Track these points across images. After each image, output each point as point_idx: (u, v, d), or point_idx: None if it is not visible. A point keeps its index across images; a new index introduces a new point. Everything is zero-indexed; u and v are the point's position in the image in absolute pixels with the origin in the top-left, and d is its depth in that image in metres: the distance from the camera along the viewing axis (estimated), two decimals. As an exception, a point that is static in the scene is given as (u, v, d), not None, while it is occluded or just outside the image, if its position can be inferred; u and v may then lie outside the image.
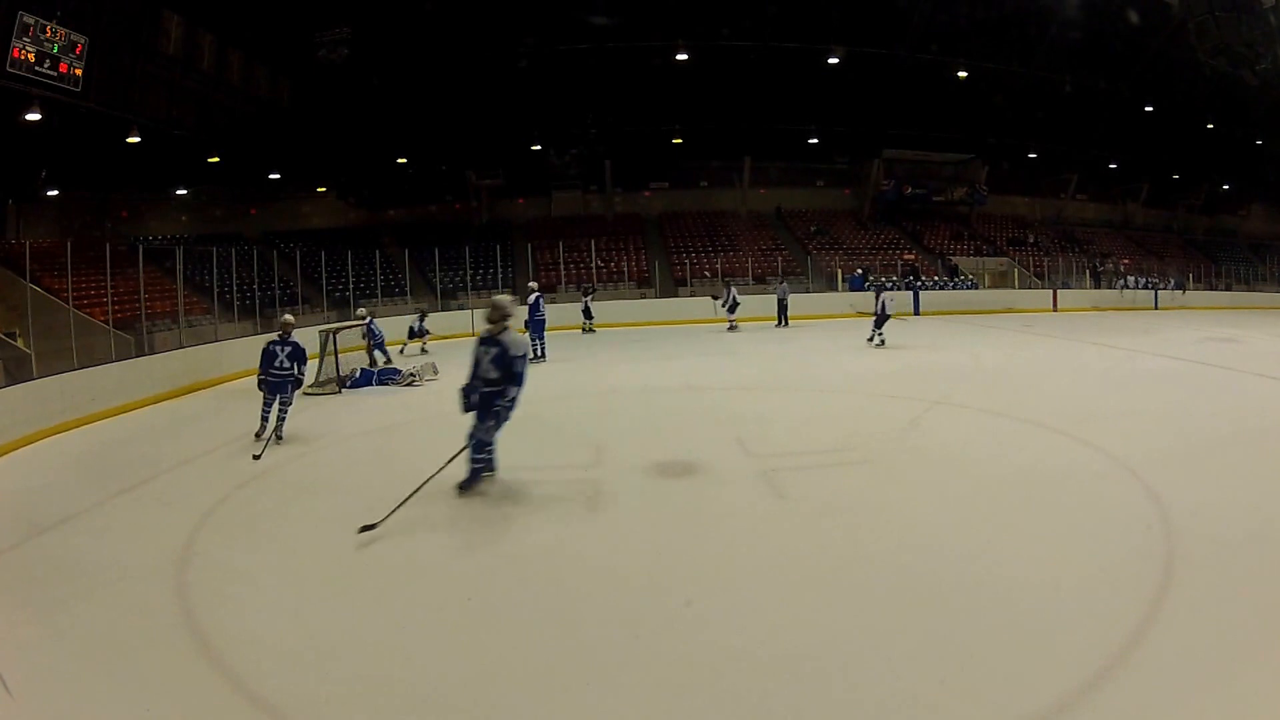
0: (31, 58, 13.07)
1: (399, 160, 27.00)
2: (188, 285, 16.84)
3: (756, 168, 30.29)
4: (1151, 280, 27.34)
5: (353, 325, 13.74)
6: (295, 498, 6.00)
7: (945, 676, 3.16)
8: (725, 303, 18.89)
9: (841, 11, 22.75)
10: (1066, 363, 12.53)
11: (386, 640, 3.62)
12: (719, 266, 25.65)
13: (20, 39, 12.81)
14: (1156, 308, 25.25)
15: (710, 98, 25.19)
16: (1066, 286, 26.17)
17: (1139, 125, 28.05)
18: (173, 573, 4.43)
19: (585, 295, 19.99)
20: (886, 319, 14.82)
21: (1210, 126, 28.35)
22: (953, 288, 25.94)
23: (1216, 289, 28.83)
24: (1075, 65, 25.40)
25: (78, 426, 8.91)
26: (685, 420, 8.31)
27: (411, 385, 11.45)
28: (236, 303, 15.88)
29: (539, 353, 13.30)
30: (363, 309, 14.88)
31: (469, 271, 23.55)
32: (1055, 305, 24.54)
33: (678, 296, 24.57)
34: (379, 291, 22.34)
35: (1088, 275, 28.19)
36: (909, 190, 30.61)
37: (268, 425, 7.90)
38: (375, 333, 13.54)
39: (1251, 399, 8.60)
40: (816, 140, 28.13)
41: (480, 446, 5.84)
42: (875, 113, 26.59)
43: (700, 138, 27.63)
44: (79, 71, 14.00)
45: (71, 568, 4.60)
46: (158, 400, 10.62)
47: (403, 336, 16.33)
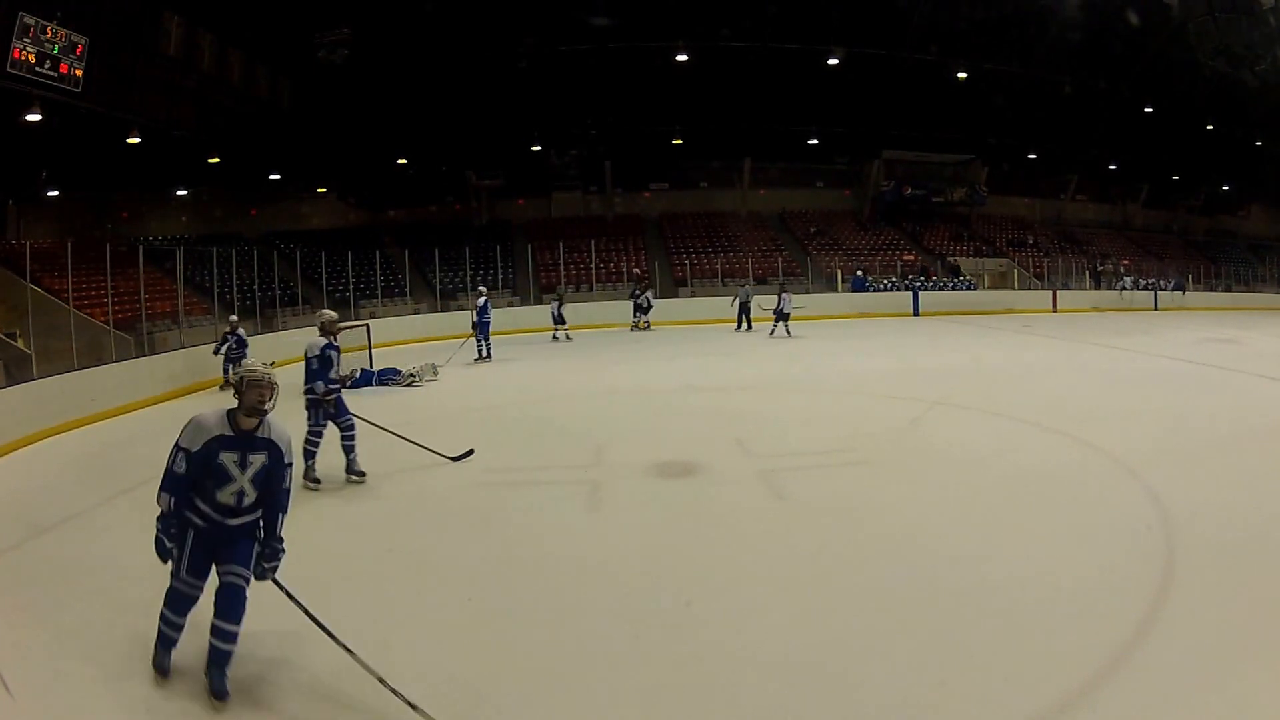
0: (32, 58, 13.06)
1: (399, 161, 26.99)
2: (188, 286, 16.84)
3: (756, 168, 30.28)
4: (1151, 281, 27.33)
5: (354, 325, 13.73)
6: (295, 498, 5.98)
7: (945, 677, 3.16)
8: (774, 305, 18.15)
9: (841, 12, 22.75)
10: (1066, 363, 12.53)
11: (386, 640, 3.61)
12: (719, 267, 25.65)
13: (21, 39, 12.80)
14: (1156, 308, 25.24)
15: (710, 98, 25.18)
16: (1066, 287, 26.15)
17: (1139, 126, 28.04)
18: (173, 573, 4.42)
19: (557, 301, 18.75)
20: (786, 316, 16.60)
21: (1210, 127, 28.32)
22: (952, 288, 25.95)
23: (1216, 290, 28.81)
24: (1075, 66, 25.39)
25: (78, 426, 8.91)
26: (685, 420, 8.31)
27: (411, 386, 11.45)
28: (237, 303, 15.88)
29: (485, 353, 14.05)
30: (234, 317, 12.28)
31: (469, 272, 23.55)
32: (1055, 306, 24.53)
33: (678, 297, 24.57)
34: (379, 292, 22.35)
35: (1087, 276, 28.18)
36: (909, 191, 30.58)
37: (354, 460, 6.20)
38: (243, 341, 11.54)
39: (1251, 399, 8.60)
40: (816, 141, 28.11)
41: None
42: (875, 113, 26.58)
43: (700, 138, 27.62)
44: (79, 72, 13.99)
45: (71, 568, 4.60)
46: (158, 400, 10.62)
47: (398, 339, 16.40)
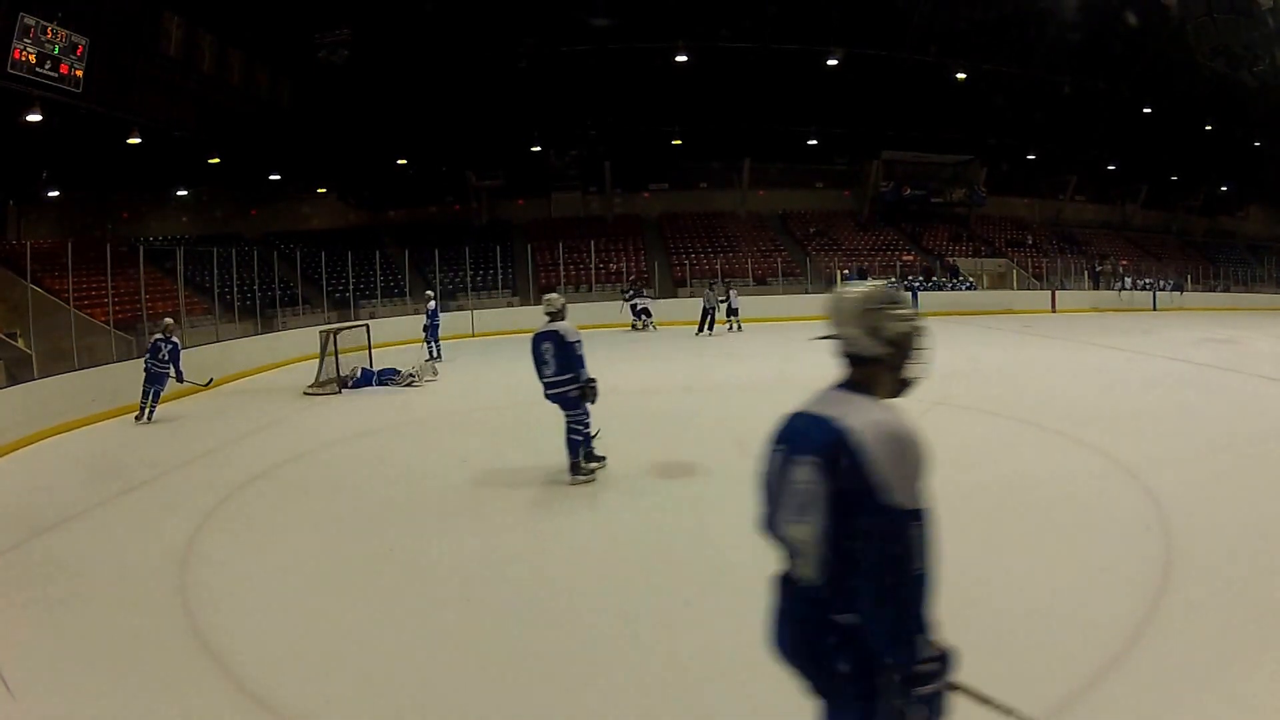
0: (32, 59, 13.07)
1: (399, 161, 27.00)
2: (188, 286, 16.83)
3: (756, 169, 30.29)
4: (1150, 281, 27.35)
5: (354, 326, 13.75)
6: (295, 498, 6.01)
7: (943, 676, 3.16)
8: (724, 301, 18.71)
9: (841, 13, 22.76)
10: (1065, 364, 12.55)
11: (386, 639, 3.62)
12: (718, 268, 25.65)
13: (21, 40, 12.82)
14: (1155, 309, 25.26)
15: (710, 99, 25.19)
16: (1063, 287, 26.14)
17: (1138, 127, 28.06)
18: (173, 573, 4.43)
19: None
20: (709, 314, 17.95)
21: (1209, 128, 28.36)
22: (951, 288, 25.95)
23: (1215, 290, 28.83)
24: (1074, 67, 25.41)
25: (78, 427, 8.92)
26: (684, 420, 8.32)
27: (411, 386, 11.46)
28: (237, 303, 15.89)
29: (436, 354, 14.42)
30: (169, 320, 10.12)
31: (469, 272, 23.56)
32: (1054, 306, 24.54)
33: (677, 297, 24.58)
34: (379, 292, 22.36)
35: (1086, 276, 28.20)
36: (908, 191, 30.61)
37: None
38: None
39: (1250, 400, 8.61)
40: (816, 141, 28.14)
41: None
42: (874, 114, 26.60)
43: (700, 139, 27.64)
44: (80, 73, 14.00)
45: (71, 568, 4.61)
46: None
47: (397, 339, 16.35)
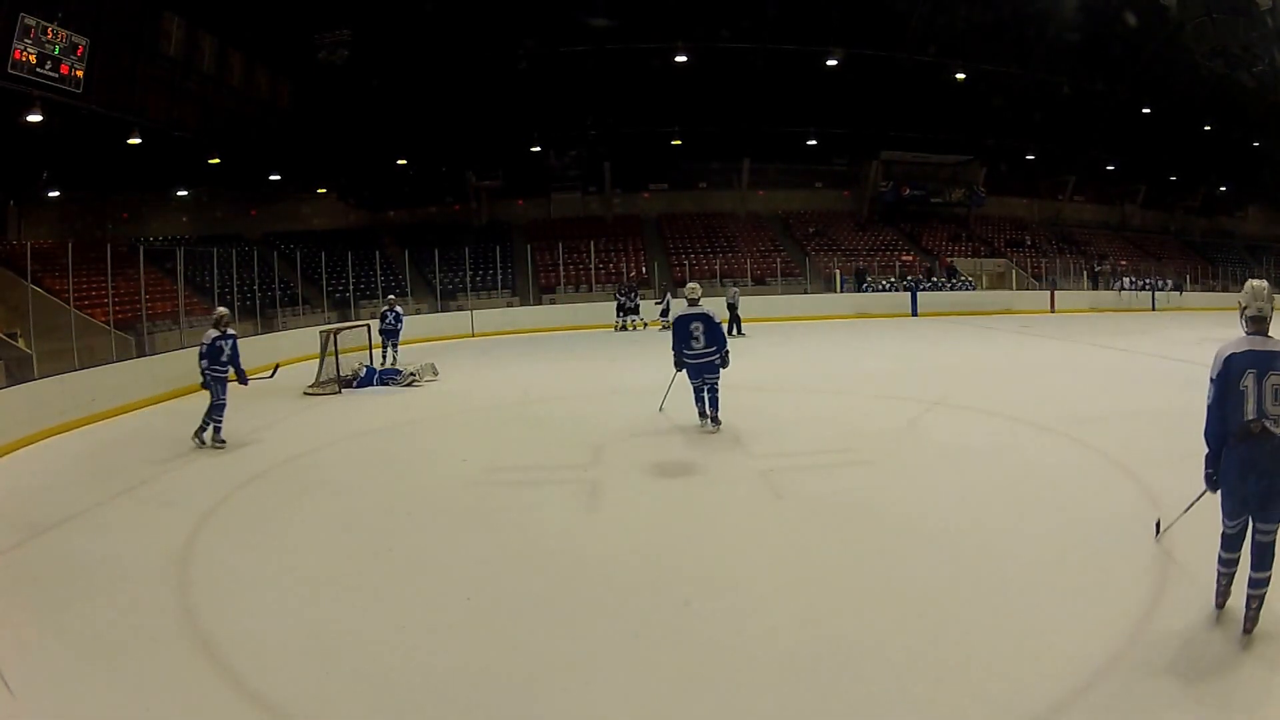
0: (33, 59, 13.08)
1: (399, 161, 27.03)
2: (188, 286, 16.85)
3: (755, 169, 30.32)
4: (1148, 281, 27.37)
5: (354, 326, 13.75)
6: (295, 498, 6.02)
7: (943, 675, 3.17)
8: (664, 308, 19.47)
9: (840, 13, 22.80)
10: (1064, 363, 12.56)
11: (387, 639, 3.63)
12: (718, 268, 25.67)
13: (22, 40, 12.82)
14: (1154, 309, 25.28)
15: (709, 99, 25.22)
16: (1056, 286, 26.11)
17: (1137, 127, 28.09)
18: (173, 573, 4.44)
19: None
20: (634, 310, 19.26)
21: (1207, 128, 28.38)
22: (950, 288, 25.96)
23: (1214, 290, 28.84)
24: (1073, 67, 25.45)
25: (78, 426, 8.92)
26: (684, 420, 8.33)
27: (411, 385, 11.47)
28: (237, 303, 15.88)
29: (393, 359, 13.59)
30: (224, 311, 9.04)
31: (469, 273, 23.58)
32: (1053, 306, 24.57)
33: (677, 297, 24.56)
34: (379, 292, 22.35)
35: (1085, 276, 28.22)
36: (907, 192, 30.63)
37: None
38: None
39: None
40: (815, 142, 28.16)
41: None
42: (874, 114, 26.62)
43: (699, 139, 27.66)
44: (80, 73, 14.01)
45: (71, 568, 4.61)
46: (158, 400, 10.62)
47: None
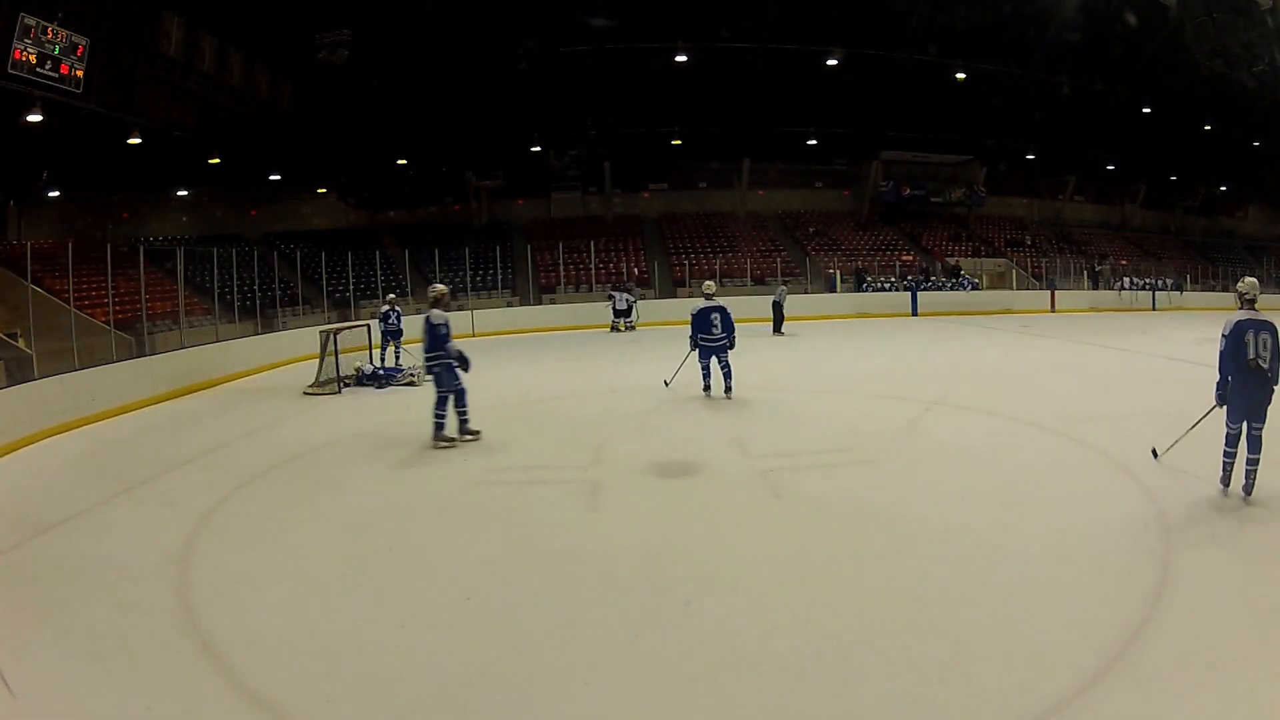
0: (33, 59, 13.08)
1: (399, 161, 27.02)
2: (188, 286, 16.83)
3: (755, 169, 30.30)
4: (1149, 281, 27.38)
5: (354, 326, 13.74)
6: (295, 498, 6.01)
7: (944, 675, 3.17)
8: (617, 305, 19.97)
9: (840, 13, 22.79)
10: (1064, 363, 12.55)
11: (387, 639, 3.63)
12: (718, 267, 25.68)
13: (22, 40, 12.82)
14: (1154, 309, 25.28)
15: (709, 99, 25.22)
16: (1053, 285, 26.10)
17: (1137, 127, 28.09)
18: (173, 573, 4.44)
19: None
20: (625, 313, 20.11)
21: (1208, 128, 28.39)
22: (950, 288, 25.94)
23: (1214, 290, 28.84)
24: (1073, 67, 25.44)
25: (78, 426, 8.92)
26: (684, 420, 8.33)
27: (411, 385, 11.47)
28: (237, 303, 15.89)
29: (389, 360, 13.26)
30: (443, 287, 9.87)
31: (469, 273, 23.57)
32: (1053, 306, 24.57)
33: (676, 297, 24.60)
34: (379, 292, 22.35)
35: (1085, 276, 28.23)
36: (907, 191, 30.63)
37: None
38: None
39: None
40: (815, 142, 28.16)
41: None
42: (874, 114, 26.62)
43: (699, 139, 27.66)
44: (80, 73, 14.01)
45: (71, 568, 4.61)
46: (158, 400, 10.62)
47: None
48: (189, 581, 4.33)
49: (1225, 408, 5.13)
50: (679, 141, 27.65)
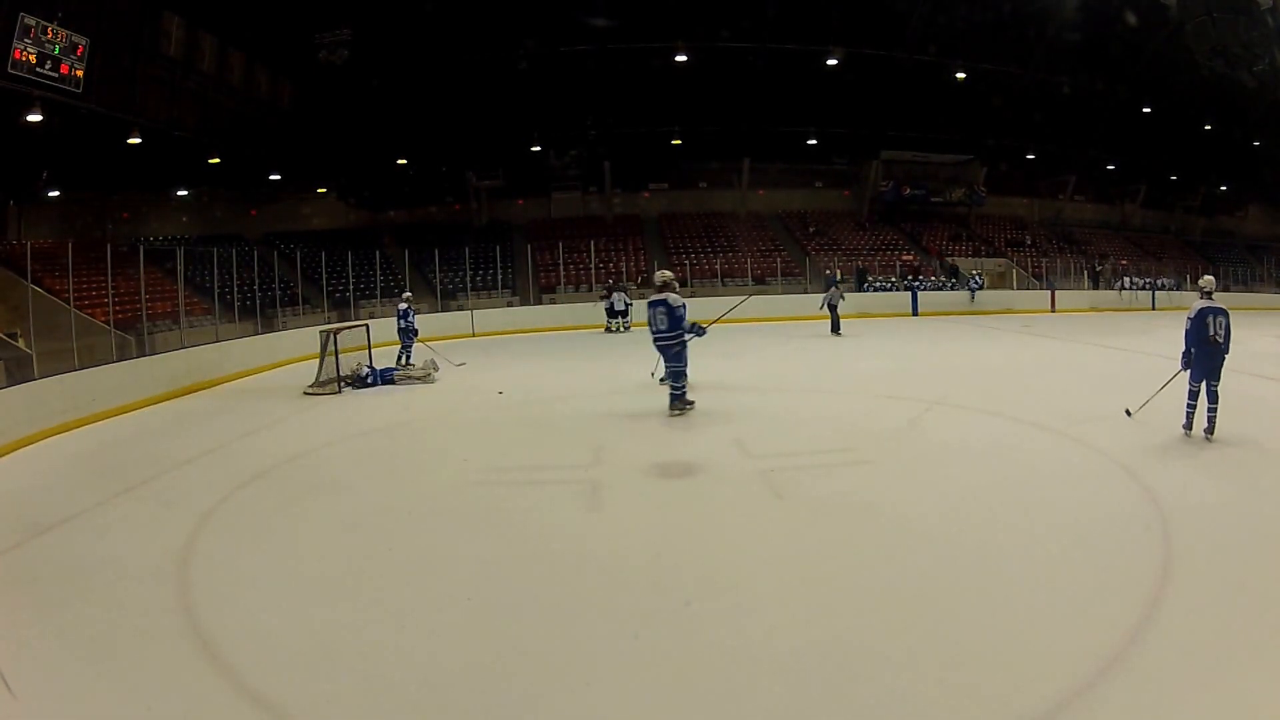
0: (33, 59, 13.08)
1: (399, 161, 27.02)
2: (188, 286, 16.82)
3: (755, 169, 30.30)
4: (1149, 281, 27.39)
5: (354, 325, 13.73)
6: (296, 498, 6.01)
7: (944, 676, 3.17)
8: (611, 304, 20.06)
9: (840, 13, 22.80)
10: (1064, 363, 12.55)
11: (387, 639, 3.63)
12: (718, 267, 25.68)
13: (21, 40, 12.82)
14: (1154, 308, 25.27)
15: (709, 99, 25.22)
16: (1051, 285, 26.08)
17: (1137, 126, 28.09)
18: (173, 572, 4.44)
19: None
20: (621, 314, 20.09)
21: (1208, 128, 28.39)
22: (951, 288, 25.92)
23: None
24: (1073, 67, 25.44)
25: (78, 426, 8.92)
26: (684, 420, 8.32)
27: (426, 381, 11.50)
28: (237, 303, 15.89)
29: (407, 359, 13.07)
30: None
31: (469, 272, 23.58)
32: (1053, 306, 24.57)
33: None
34: (379, 292, 22.37)
35: (1085, 276, 28.23)
36: (907, 191, 30.63)
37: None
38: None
39: (1248, 399, 8.61)
40: (815, 141, 28.16)
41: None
42: (874, 114, 26.62)
43: (699, 139, 27.66)
44: (80, 73, 14.01)
45: (71, 568, 4.61)
46: (158, 400, 10.62)
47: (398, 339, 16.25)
48: (189, 581, 4.32)
49: (1189, 371, 6.64)
50: (679, 141, 27.64)
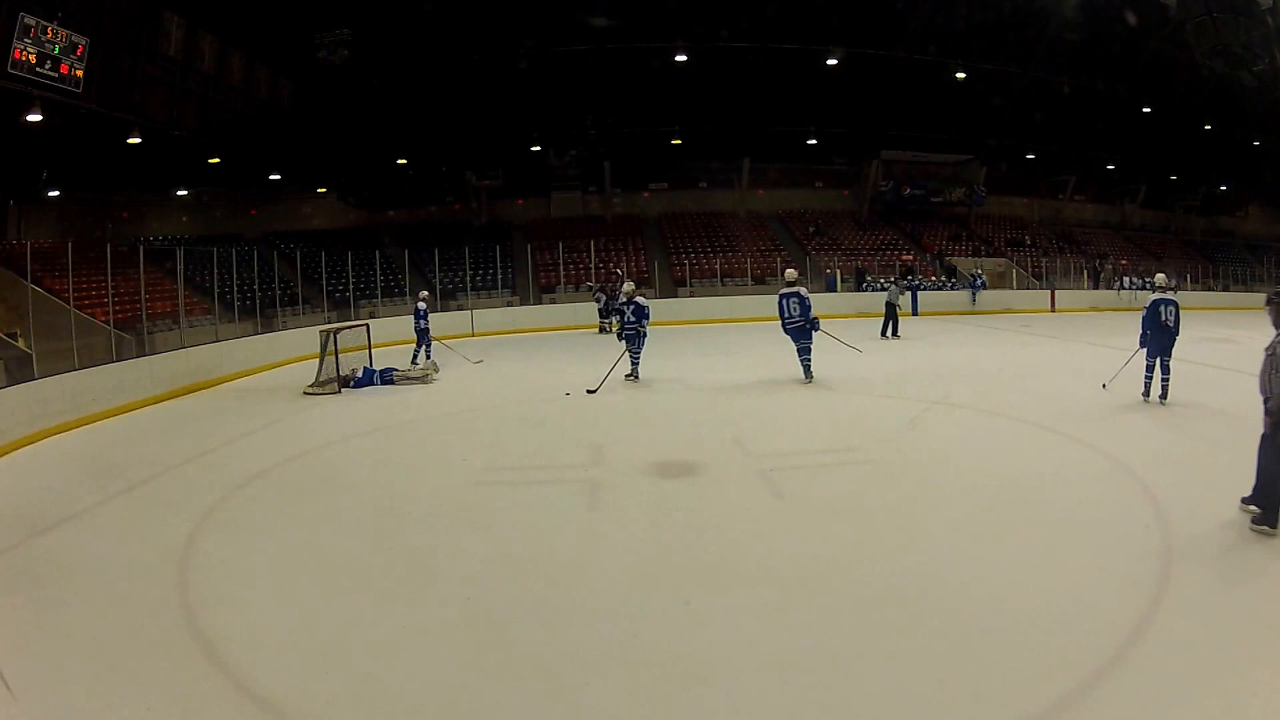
0: (33, 59, 13.07)
1: (399, 161, 27.01)
2: (188, 286, 16.83)
3: (755, 169, 30.30)
4: (1149, 281, 27.35)
5: (354, 325, 13.74)
6: (295, 498, 6.01)
7: (944, 676, 3.18)
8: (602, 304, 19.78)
9: (840, 13, 22.76)
10: (1064, 363, 12.55)
11: (386, 639, 3.63)
12: (718, 267, 25.67)
13: (21, 40, 12.81)
14: (1154, 308, 25.22)
15: (709, 99, 25.19)
16: (1051, 285, 26.07)
17: (1137, 126, 28.06)
18: (173, 573, 4.44)
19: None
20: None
21: (1208, 128, 28.35)
22: (951, 288, 25.91)
23: (1214, 290, 28.83)
24: (1073, 66, 25.41)
25: (78, 426, 8.92)
26: (684, 420, 8.33)
27: (427, 381, 11.50)
28: (237, 303, 15.89)
29: (420, 359, 13.20)
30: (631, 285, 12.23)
31: (469, 272, 23.57)
32: (1053, 306, 24.56)
33: (677, 297, 24.60)
34: (379, 292, 22.36)
35: (1085, 276, 28.22)
36: (907, 191, 30.62)
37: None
38: None
39: (1247, 399, 8.58)
40: (815, 141, 28.13)
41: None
42: (874, 114, 26.60)
43: (699, 139, 27.63)
44: (80, 72, 13.99)
45: (71, 568, 4.61)
46: (158, 400, 10.63)
47: (398, 339, 16.29)
48: (189, 581, 4.33)
49: (1145, 350, 8.25)
50: (679, 141, 27.62)
